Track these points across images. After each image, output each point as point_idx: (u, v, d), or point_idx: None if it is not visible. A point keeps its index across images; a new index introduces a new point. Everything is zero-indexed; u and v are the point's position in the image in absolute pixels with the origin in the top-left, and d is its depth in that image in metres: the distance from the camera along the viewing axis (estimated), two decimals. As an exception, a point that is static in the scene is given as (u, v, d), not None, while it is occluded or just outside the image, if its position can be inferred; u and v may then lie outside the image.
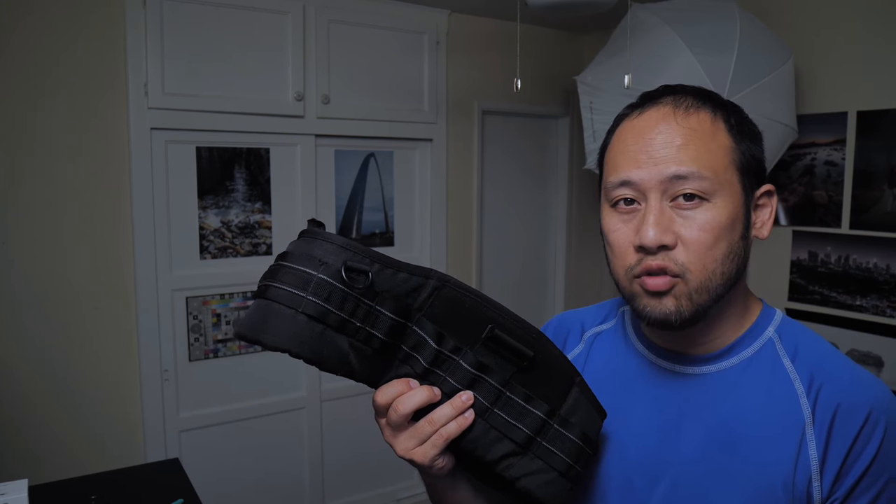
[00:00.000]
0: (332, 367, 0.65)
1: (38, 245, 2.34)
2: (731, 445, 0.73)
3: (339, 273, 0.63)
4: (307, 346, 0.63)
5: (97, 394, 2.47)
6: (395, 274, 0.66)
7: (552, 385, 0.72)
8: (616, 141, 0.78)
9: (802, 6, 2.57)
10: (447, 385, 0.68)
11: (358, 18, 2.85)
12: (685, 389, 0.78)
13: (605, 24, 3.18)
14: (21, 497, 1.22)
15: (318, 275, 0.63)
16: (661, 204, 0.72)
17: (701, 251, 0.71)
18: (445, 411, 0.68)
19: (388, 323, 0.65)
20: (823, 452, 0.70)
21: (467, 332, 0.69)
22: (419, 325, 0.68)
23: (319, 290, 0.62)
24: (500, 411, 0.69)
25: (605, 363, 0.86)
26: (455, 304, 0.68)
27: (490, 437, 0.69)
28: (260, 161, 2.74)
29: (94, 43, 2.36)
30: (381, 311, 0.64)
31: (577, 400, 0.73)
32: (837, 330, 2.49)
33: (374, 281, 0.64)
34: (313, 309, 0.62)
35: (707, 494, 0.74)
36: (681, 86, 0.78)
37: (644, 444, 0.78)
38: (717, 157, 0.72)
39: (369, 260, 0.65)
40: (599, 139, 2.47)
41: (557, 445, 0.71)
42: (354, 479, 3.07)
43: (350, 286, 0.63)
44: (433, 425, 0.68)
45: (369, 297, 0.64)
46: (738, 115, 0.77)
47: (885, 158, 2.36)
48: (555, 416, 0.71)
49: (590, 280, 3.70)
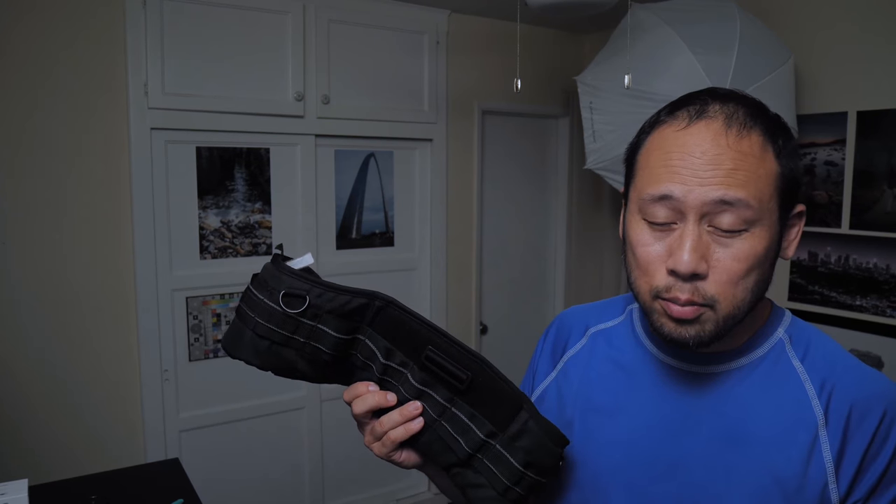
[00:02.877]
0: (284, 374, 0.76)
1: (38, 245, 2.34)
2: (739, 444, 0.73)
3: (278, 298, 0.73)
4: (259, 358, 0.75)
5: (97, 394, 2.47)
6: (336, 297, 0.74)
7: (497, 408, 0.75)
8: (656, 148, 0.72)
9: (802, 6, 2.58)
10: (400, 393, 0.76)
11: (358, 18, 2.85)
12: (694, 388, 0.78)
13: (605, 24, 3.18)
14: (21, 497, 1.22)
15: (264, 300, 0.74)
16: (700, 228, 0.68)
17: (732, 282, 0.69)
18: (394, 417, 0.75)
19: (331, 339, 0.74)
20: (839, 453, 0.70)
21: (411, 350, 0.75)
22: (370, 339, 0.76)
23: (263, 312, 0.74)
24: (446, 424, 0.75)
25: (611, 360, 0.86)
26: (399, 323, 0.75)
27: (438, 446, 0.76)
28: (260, 161, 2.74)
29: (94, 43, 2.36)
30: (323, 329, 0.74)
31: (524, 425, 0.74)
32: (837, 330, 2.49)
33: (314, 304, 0.73)
34: (261, 329, 0.74)
35: (713, 493, 0.73)
36: (728, 93, 0.73)
37: (650, 441, 0.78)
38: (764, 185, 0.69)
39: (309, 286, 0.74)
40: (599, 139, 2.48)
41: (498, 466, 0.74)
42: (354, 479, 3.07)
43: (285, 309, 0.73)
44: (382, 427, 0.76)
45: (310, 318, 0.74)
46: (784, 132, 0.73)
47: (885, 158, 2.36)
48: (497, 438, 0.74)
49: (590, 280, 3.70)
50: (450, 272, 3.22)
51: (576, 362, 0.89)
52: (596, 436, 0.82)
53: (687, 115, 0.71)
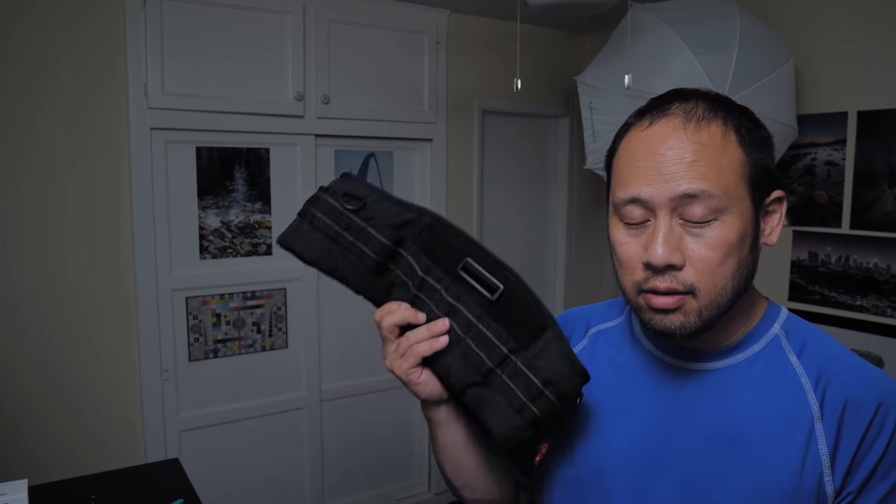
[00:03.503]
0: (325, 270, 0.80)
1: (38, 245, 2.34)
2: (737, 441, 0.74)
3: (338, 196, 0.80)
4: (308, 250, 0.80)
5: (97, 394, 2.47)
6: (390, 206, 0.78)
7: (524, 326, 0.75)
8: (624, 151, 0.76)
9: (802, 6, 2.57)
10: (430, 312, 0.77)
11: (358, 18, 2.85)
12: (691, 385, 0.79)
13: (605, 24, 3.18)
14: (21, 497, 1.22)
15: (326, 198, 0.80)
16: (671, 221, 0.71)
17: (710, 269, 0.71)
18: (421, 332, 0.77)
19: (378, 244, 0.78)
20: (834, 446, 0.71)
21: (450, 264, 0.77)
22: (411, 254, 0.78)
23: (322, 207, 0.80)
24: (470, 341, 0.75)
25: (611, 359, 0.87)
26: (442, 239, 0.78)
27: (458, 366, 0.76)
28: (260, 161, 2.74)
29: (94, 43, 2.36)
30: (372, 232, 0.78)
31: (548, 345, 0.74)
32: (837, 330, 2.49)
33: (368, 207, 0.78)
34: (317, 221, 0.80)
35: (712, 489, 0.74)
36: (691, 91, 0.77)
37: (649, 440, 0.79)
38: (727, 173, 0.71)
39: (365, 190, 0.79)
40: (599, 139, 2.48)
41: (516, 382, 0.74)
42: (354, 479, 3.07)
43: (343, 206, 0.79)
44: (408, 342, 0.77)
45: (362, 219, 0.78)
46: (750, 122, 0.75)
47: (885, 158, 2.36)
48: (518, 354, 0.74)
49: (590, 280, 3.70)
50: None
51: None
52: (596, 434, 0.83)
53: (650, 115, 0.75)
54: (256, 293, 2.76)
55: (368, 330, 3.24)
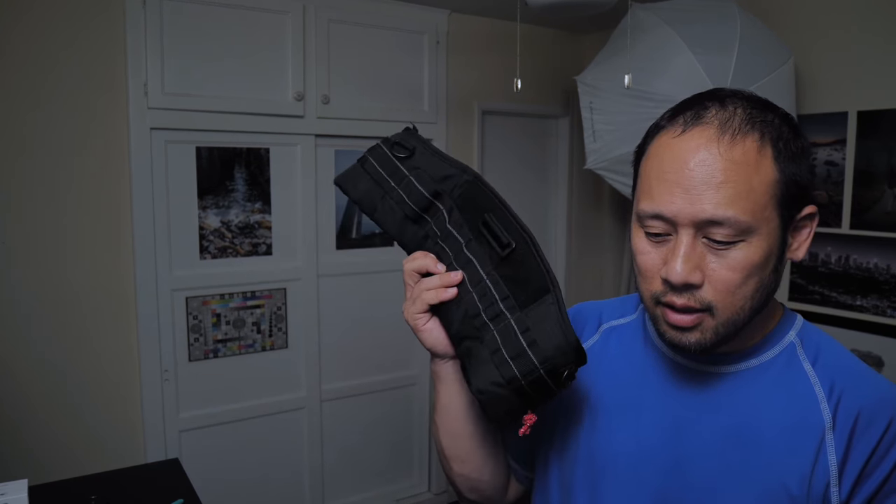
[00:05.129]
0: (365, 209, 0.86)
1: (38, 245, 2.34)
2: (747, 444, 0.73)
3: (390, 144, 0.86)
4: (354, 189, 0.86)
5: (97, 394, 2.47)
6: (435, 161, 0.83)
7: (526, 287, 0.76)
8: (653, 157, 0.73)
9: (802, 6, 2.57)
10: (450, 265, 0.80)
11: (358, 18, 2.85)
12: (703, 387, 0.78)
13: (605, 24, 3.18)
14: (21, 497, 1.22)
15: (381, 146, 0.87)
16: (694, 240, 0.70)
17: (729, 290, 0.70)
18: (433, 280, 0.79)
19: (417, 193, 0.82)
20: (843, 458, 0.70)
21: (475, 221, 0.80)
22: (446, 207, 0.82)
23: (373, 151, 0.87)
24: (475, 295, 0.78)
25: (623, 356, 0.86)
26: (476, 197, 0.81)
27: (459, 318, 0.78)
28: (260, 161, 2.74)
29: (94, 43, 2.36)
30: (413, 181, 0.82)
31: (545, 308, 0.74)
32: (837, 330, 2.49)
33: (415, 157, 0.83)
34: (367, 165, 0.86)
35: (719, 491, 0.74)
36: (731, 93, 0.73)
37: (658, 439, 0.78)
38: (757, 196, 0.68)
39: (416, 142, 0.85)
40: (599, 139, 2.48)
41: (504, 339, 0.74)
42: (354, 479, 3.07)
43: (392, 153, 0.85)
44: (420, 288, 0.80)
45: (408, 168, 0.83)
46: (789, 132, 0.71)
47: (885, 158, 2.36)
48: (514, 312, 0.75)
49: (590, 279, 3.70)
50: (450, 272, 3.22)
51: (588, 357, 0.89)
52: (605, 432, 0.83)
53: (683, 120, 0.72)
54: (256, 293, 2.76)
55: (368, 330, 3.23)
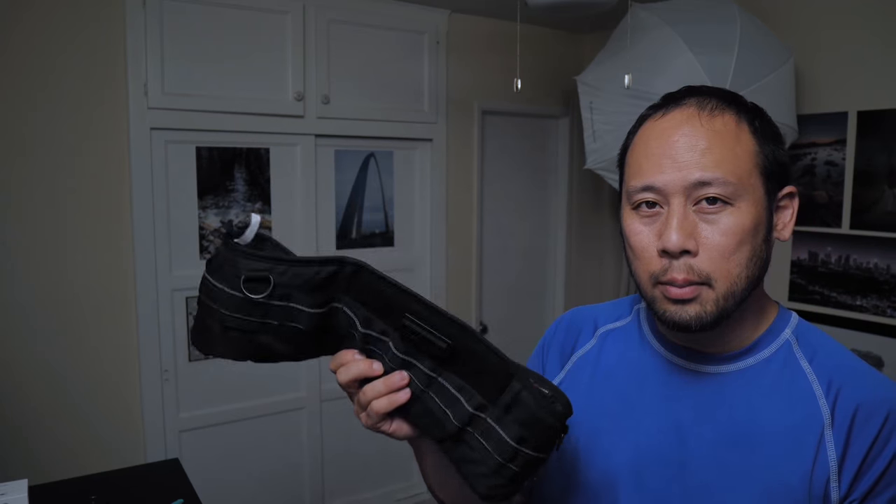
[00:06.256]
0: (264, 360, 0.71)
1: (38, 245, 2.34)
2: (746, 444, 0.74)
3: (240, 286, 0.67)
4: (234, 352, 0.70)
5: (97, 394, 2.47)
6: (302, 270, 0.68)
7: (485, 378, 0.68)
8: (638, 142, 0.77)
9: (802, 6, 2.58)
10: (385, 363, 0.70)
11: (358, 18, 2.85)
12: (701, 388, 0.78)
13: (605, 24, 3.18)
14: (21, 497, 1.22)
15: (225, 290, 0.67)
16: (685, 208, 0.71)
17: (724, 256, 0.71)
18: (377, 387, 0.69)
19: (307, 316, 0.68)
20: (842, 453, 0.71)
21: (390, 318, 0.70)
22: (348, 307, 0.70)
23: (227, 303, 0.67)
24: (434, 395, 0.69)
25: (619, 360, 0.86)
26: (374, 290, 0.70)
27: (427, 419, 0.70)
28: (260, 161, 2.74)
29: (94, 43, 2.36)
30: (296, 307, 0.68)
31: (517, 396, 0.68)
32: (837, 330, 2.49)
33: (280, 283, 0.67)
34: (229, 321, 0.68)
35: (719, 492, 0.74)
36: (705, 87, 0.78)
37: (657, 441, 0.78)
38: (741, 161, 0.72)
39: (270, 265, 0.67)
40: (599, 139, 2.48)
41: (490, 442, 0.68)
42: (354, 479, 3.07)
43: (250, 296, 0.67)
44: (366, 397, 0.70)
45: (279, 299, 0.67)
46: (762, 118, 0.77)
47: (885, 158, 2.36)
48: (487, 410, 0.68)
49: (590, 280, 3.70)
50: (450, 272, 3.22)
51: (585, 363, 0.89)
52: (604, 436, 0.82)
53: (664, 108, 0.77)
54: (256, 293, 2.76)
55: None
